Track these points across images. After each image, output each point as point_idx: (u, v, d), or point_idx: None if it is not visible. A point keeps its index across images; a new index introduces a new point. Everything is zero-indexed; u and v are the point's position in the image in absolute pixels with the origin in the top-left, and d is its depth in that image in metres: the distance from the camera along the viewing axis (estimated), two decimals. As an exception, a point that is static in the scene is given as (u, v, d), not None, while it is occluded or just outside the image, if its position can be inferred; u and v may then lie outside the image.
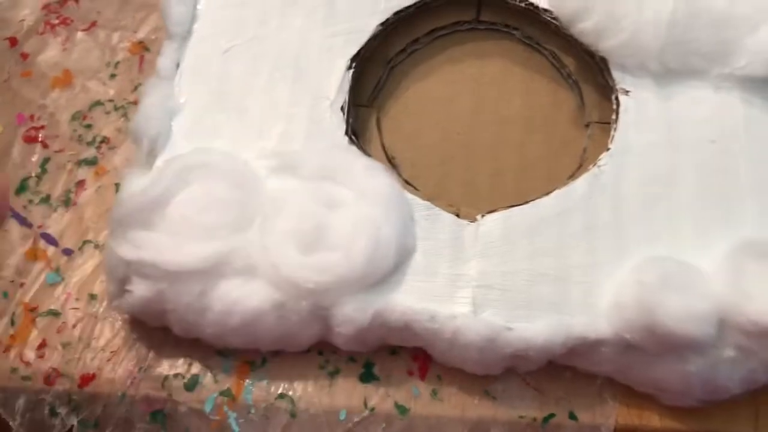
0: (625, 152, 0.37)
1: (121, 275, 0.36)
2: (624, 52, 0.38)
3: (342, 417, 0.36)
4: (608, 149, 0.38)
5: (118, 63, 0.48)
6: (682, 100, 0.38)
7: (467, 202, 0.39)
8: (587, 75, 0.42)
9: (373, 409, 0.36)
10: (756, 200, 0.36)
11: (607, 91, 0.40)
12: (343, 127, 0.39)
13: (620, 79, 0.39)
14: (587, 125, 0.41)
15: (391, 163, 0.40)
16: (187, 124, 0.39)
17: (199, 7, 0.42)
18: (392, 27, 0.43)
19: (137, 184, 0.36)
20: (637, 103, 0.38)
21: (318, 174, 0.36)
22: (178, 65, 0.41)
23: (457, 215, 0.37)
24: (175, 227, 0.35)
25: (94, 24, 0.49)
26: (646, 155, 0.37)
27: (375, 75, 0.43)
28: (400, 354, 0.37)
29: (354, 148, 0.38)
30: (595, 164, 0.37)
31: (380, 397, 0.36)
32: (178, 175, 0.36)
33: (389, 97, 0.43)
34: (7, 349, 0.38)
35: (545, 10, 0.41)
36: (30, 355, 0.38)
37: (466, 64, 0.43)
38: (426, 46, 0.44)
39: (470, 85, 0.43)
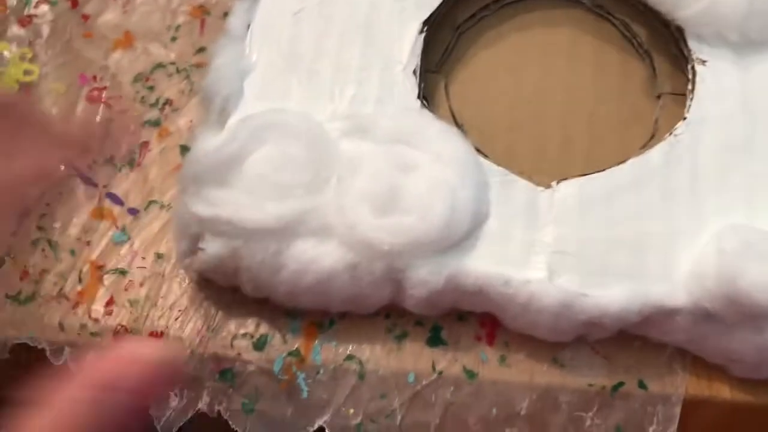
0: (701, 122, 0.37)
1: (194, 233, 0.36)
2: (702, 21, 0.38)
3: (411, 380, 0.36)
4: (684, 118, 0.37)
5: (179, 26, 0.48)
6: (761, 72, 0.38)
7: (537, 171, 0.39)
8: (659, 45, 0.41)
9: (441, 373, 0.36)
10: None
11: (680, 61, 0.40)
12: (416, 91, 0.39)
13: (697, 48, 0.39)
14: (659, 96, 0.41)
15: (460, 129, 0.40)
16: (259, 85, 0.39)
17: (268, -32, 0.42)
18: (463, -7, 0.42)
19: (211, 142, 0.36)
20: (714, 74, 0.38)
21: (391, 137, 0.36)
22: (248, 26, 0.40)
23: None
24: (252, 185, 0.35)
25: (154, -13, 0.49)
26: (722, 125, 0.37)
27: (443, 41, 0.42)
28: (468, 320, 0.37)
29: (427, 112, 0.38)
30: (671, 133, 0.37)
31: (448, 362, 0.36)
32: (253, 134, 0.36)
33: (457, 64, 0.42)
34: (75, 305, 0.39)
35: (620, -21, 0.41)
36: (99, 311, 0.38)
37: (534, 32, 0.43)
38: (494, 12, 0.43)
39: (538, 54, 0.43)
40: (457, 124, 0.40)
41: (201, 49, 0.46)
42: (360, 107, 0.38)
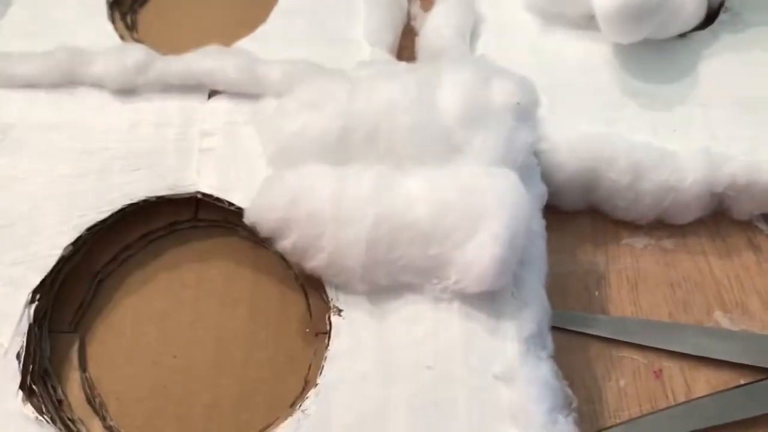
0: (333, 388, 0.33)
1: None
2: (329, 273, 0.34)
3: None
4: (316, 386, 0.33)
5: None
6: (399, 319, 0.34)
7: (179, 444, 0.34)
8: (314, 280, 0.38)
9: None
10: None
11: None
12: (18, 380, 0.34)
13: (334, 296, 0.35)
14: (316, 335, 0.37)
15: (92, 403, 0.36)
16: None
17: None
18: (94, 239, 0.38)
19: None
20: (351, 325, 0.34)
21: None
22: None
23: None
24: None
25: None
26: (356, 390, 0.33)
27: (79, 293, 0.38)
28: None
29: (28, 410, 0.33)
30: (299, 406, 0.33)
31: None
32: None
33: (96, 317, 0.38)
34: None
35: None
36: None
37: (185, 269, 0.39)
38: (140, 251, 0.39)
39: (190, 294, 0.38)
40: (90, 398, 0.36)
41: None
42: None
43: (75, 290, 0.38)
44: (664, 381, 0.39)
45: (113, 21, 0.49)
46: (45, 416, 0.33)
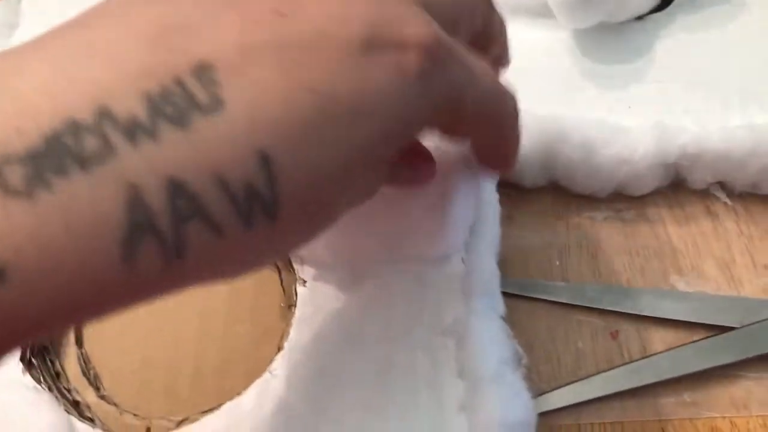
0: (296, 350, 0.36)
1: None
2: (292, 246, 0.38)
3: None
4: (281, 349, 0.37)
5: None
6: (362, 290, 0.37)
7: (168, 409, 0.38)
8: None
9: None
10: (427, 389, 0.35)
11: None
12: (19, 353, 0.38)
13: (299, 269, 0.38)
14: (289, 307, 0.40)
15: (87, 375, 0.39)
16: None
17: None
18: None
19: None
20: (313, 293, 0.38)
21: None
22: None
23: (148, 430, 0.36)
24: None
25: None
26: (317, 351, 0.36)
27: (76, 278, 0.42)
28: None
29: (27, 380, 0.37)
30: (268, 370, 0.36)
31: None
32: None
33: (92, 300, 0.42)
34: None
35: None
36: None
37: (171, 253, 0.43)
38: (130, 239, 0.43)
39: (175, 276, 0.42)
40: (86, 372, 0.39)
41: None
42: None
43: (72, 275, 0.42)
44: (621, 341, 0.41)
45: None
46: (42, 385, 0.37)
